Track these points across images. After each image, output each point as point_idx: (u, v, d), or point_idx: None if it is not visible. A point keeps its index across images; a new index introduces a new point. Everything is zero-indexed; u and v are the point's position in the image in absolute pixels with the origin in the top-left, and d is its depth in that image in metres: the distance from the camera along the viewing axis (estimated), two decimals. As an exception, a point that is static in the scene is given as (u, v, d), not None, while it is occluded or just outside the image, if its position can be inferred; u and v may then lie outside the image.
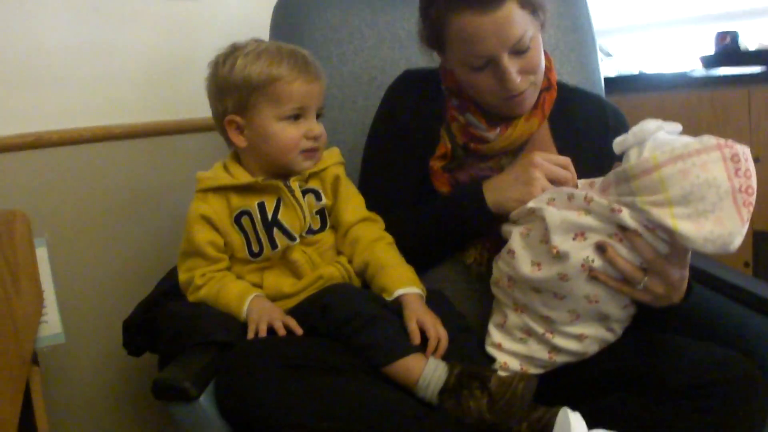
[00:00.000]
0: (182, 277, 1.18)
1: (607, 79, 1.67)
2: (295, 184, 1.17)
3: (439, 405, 0.98)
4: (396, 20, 1.57)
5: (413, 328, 1.02)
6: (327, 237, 1.21)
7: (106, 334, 1.54)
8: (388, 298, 1.09)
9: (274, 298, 1.15)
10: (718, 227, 0.85)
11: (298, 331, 1.05)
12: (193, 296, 1.16)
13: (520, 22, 1.09)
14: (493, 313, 1.11)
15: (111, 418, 1.64)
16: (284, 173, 1.18)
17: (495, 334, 1.09)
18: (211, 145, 1.81)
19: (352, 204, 1.21)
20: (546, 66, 1.23)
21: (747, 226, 0.87)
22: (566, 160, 1.09)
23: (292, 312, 1.11)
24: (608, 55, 2.15)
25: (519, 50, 1.11)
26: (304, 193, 1.18)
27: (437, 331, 1.03)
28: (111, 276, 1.62)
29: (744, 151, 0.87)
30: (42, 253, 1.33)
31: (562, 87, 1.30)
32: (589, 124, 1.26)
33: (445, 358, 1.02)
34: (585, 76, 1.57)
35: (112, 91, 1.63)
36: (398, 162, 1.28)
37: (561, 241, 0.94)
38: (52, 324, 1.39)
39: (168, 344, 1.09)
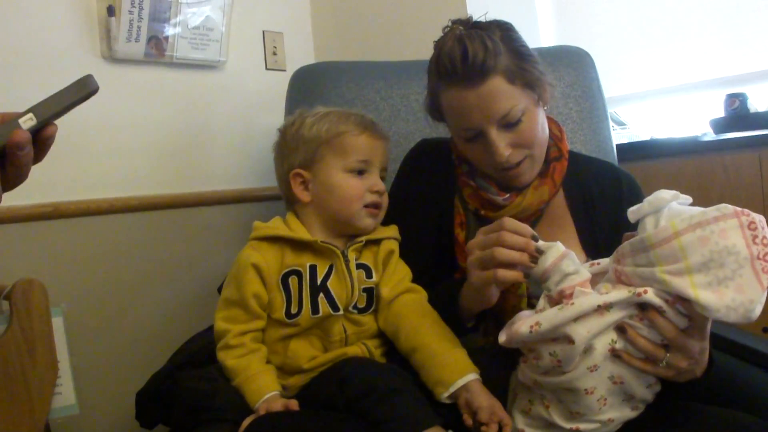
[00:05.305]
0: (219, 325, 1.14)
1: (619, 147, 1.68)
2: (352, 255, 1.17)
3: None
4: (410, 93, 1.60)
5: (465, 418, 1.00)
6: (372, 322, 1.18)
7: (120, 405, 1.53)
8: (445, 393, 1.04)
9: (292, 371, 1.13)
10: (739, 295, 0.84)
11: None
12: (221, 353, 1.13)
13: (506, 97, 1.10)
14: (518, 397, 1.06)
15: (122, 491, 1.61)
16: (344, 234, 1.19)
17: (519, 421, 1.04)
18: (227, 218, 1.83)
19: (396, 278, 1.19)
20: (556, 136, 1.24)
21: (766, 293, 0.86)
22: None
23: (308, 385, 1.11)
24: (621, 124, 2.17)
25: (508, 123, 1.12)
26: (357, 267, 1.17)
27: (492, 416, 0.99)
28: (125, 347, 1.62)
29: (760, 219, 0.87)
30: (58, 323, 1.33)
31: (576, 156, 1.31)
32: (604, 193, 1.26)
33: None
34: (598, 145, 1.58)
35: (129, 163, 1.65)
36: (413, 231, 1.27)
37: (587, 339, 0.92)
38: (66, 395, 1.37)
39: (184, 418, 1.08)
